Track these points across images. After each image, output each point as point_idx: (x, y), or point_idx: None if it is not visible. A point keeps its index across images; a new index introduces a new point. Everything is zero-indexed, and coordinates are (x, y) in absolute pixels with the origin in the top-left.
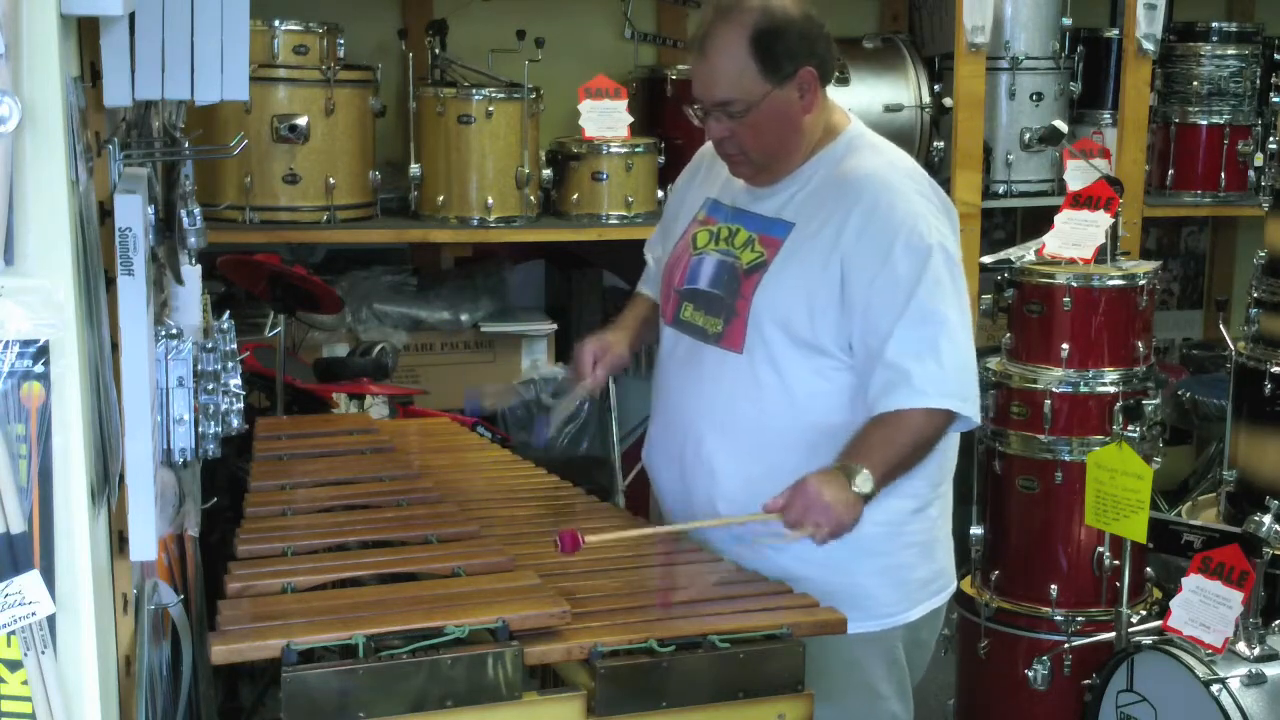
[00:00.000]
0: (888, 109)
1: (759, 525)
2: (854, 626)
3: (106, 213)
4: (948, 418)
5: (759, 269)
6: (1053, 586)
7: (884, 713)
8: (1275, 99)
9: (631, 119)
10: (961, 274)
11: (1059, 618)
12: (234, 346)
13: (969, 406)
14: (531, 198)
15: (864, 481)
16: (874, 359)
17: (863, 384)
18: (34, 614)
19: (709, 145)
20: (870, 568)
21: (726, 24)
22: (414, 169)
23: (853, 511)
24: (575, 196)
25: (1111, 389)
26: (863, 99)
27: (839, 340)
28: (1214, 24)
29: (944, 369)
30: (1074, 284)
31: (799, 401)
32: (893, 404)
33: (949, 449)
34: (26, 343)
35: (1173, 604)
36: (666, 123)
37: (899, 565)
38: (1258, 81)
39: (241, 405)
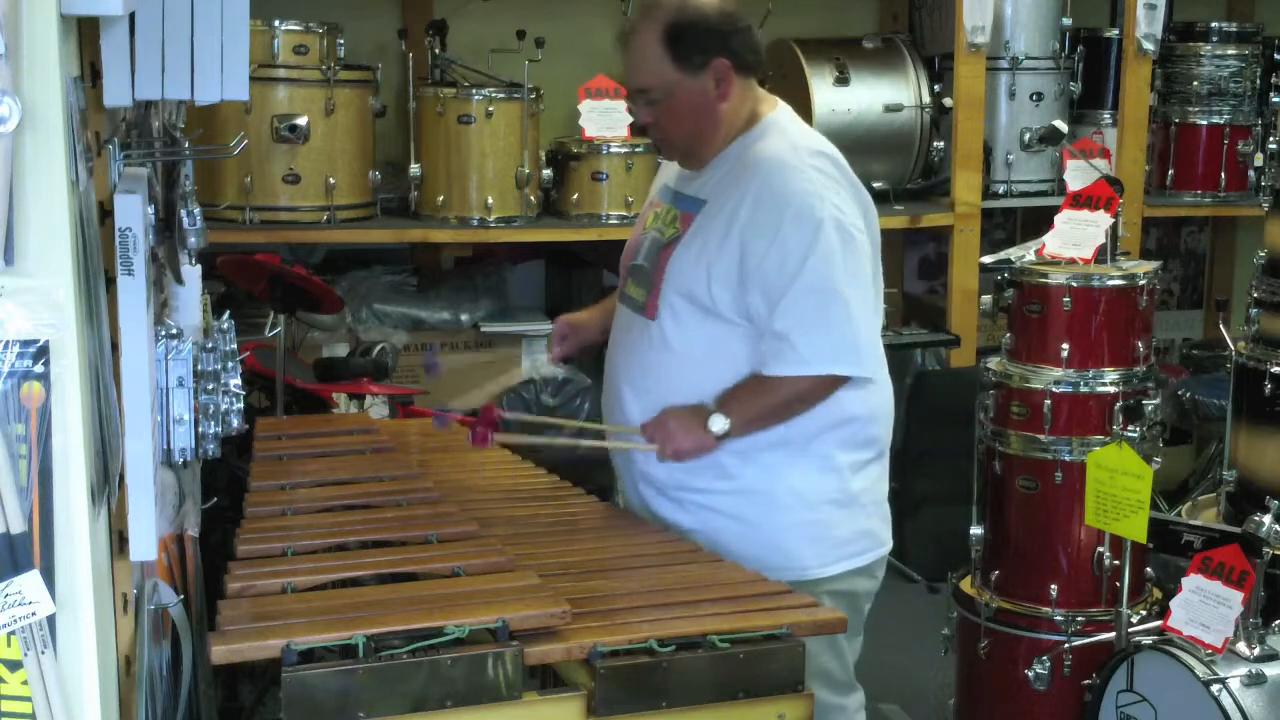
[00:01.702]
0: (888, 109)
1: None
2: (774, 579)
3: (106, 213)
4: (835, 379)
5: (674, 243)
6: (1053, 586)
7: (813, 668)
8: (1275, 99)
9: (631, 119)
10: (859, 246)
11: (1059, 618)
12: (234, 346)
13: (858, 367)
14: (531, 198)
15: (716, 423)
16: (765, 326)
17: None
18: (34, 614)
19: None
20: (786, 522)
21: (646, 19)
22: (414, 169)
23: (696, 442)
24: (575, 196)
25: (1111, 389)
26: (863, 99)
27: (738, 309)
28: (1214, 24)
29: (831, 337)
30: (1074, 284)
31: (701, 364)
32: (782, 370)
33: (866, 421)
34: (26, 343)
35: (1173, 604)
36: None
37: (814, 520)
38: (1258, 81)
39: (241, 405)
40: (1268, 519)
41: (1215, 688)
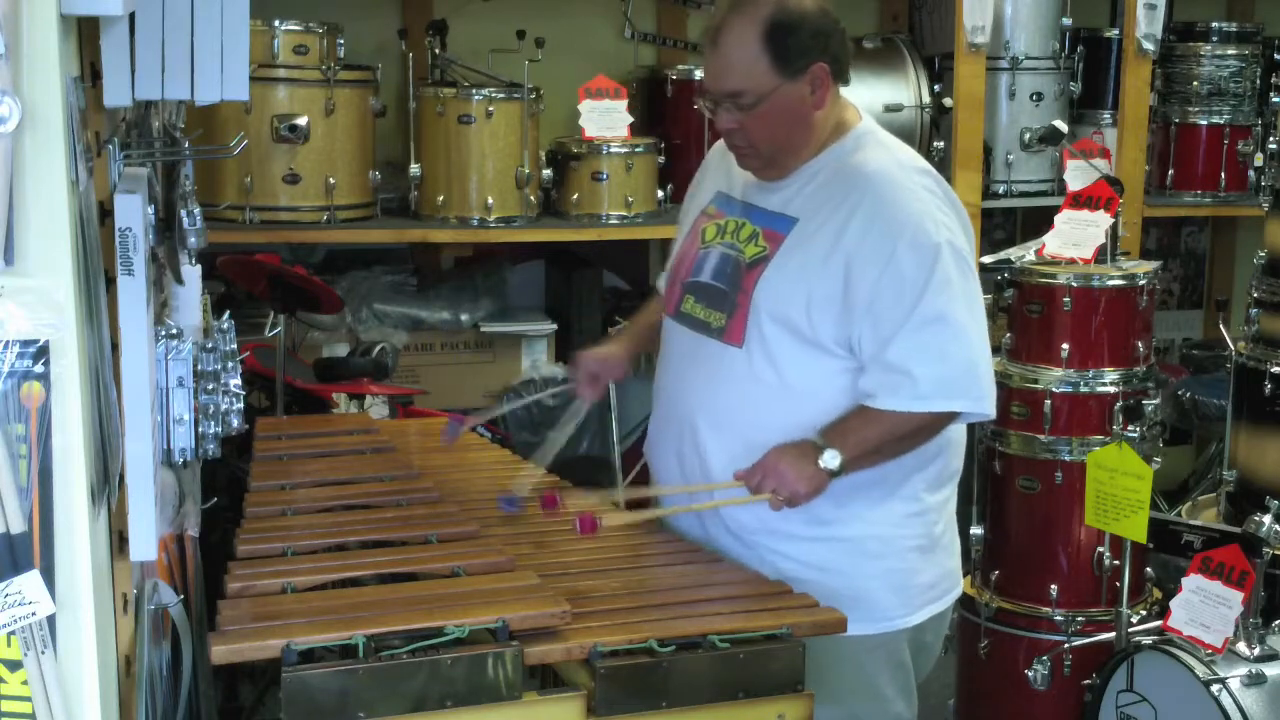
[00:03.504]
0: (888, 109)
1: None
2: (857, 629)
3: (106, 213)
4: (950, 414)
5: (761, 263)
6: (1053, 586)
7: (888, 714)
8: (1275, 99)
9: (631, 119)
10: (972, 269)
11: (1059, 618)
12: (234, 346)
13: (979, 404)
14: (531, 198)
15: (830, 459)
16: (875, 358)
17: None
18: (34, 614)
19: (720, 144)
20: (871, 571)
21: (741, 16)
22: (414, 169)
23: (811, 483)
24: (575, 196)
25: (1111, 389)
26: (863, 99)
27: (838, 338)
28: (1214, 24)
29: (950, 370)
30: (1074, 284)
31: (795, 399)
32: (896, 405)
33: (951, 455)
34: (26, 343)
35: (1173, 604)
36: (666, 123)
37: (900, 569)
38: (1258, 81)
39: (241, 405)
40: (1268, 519)
41: (1215, 688)
